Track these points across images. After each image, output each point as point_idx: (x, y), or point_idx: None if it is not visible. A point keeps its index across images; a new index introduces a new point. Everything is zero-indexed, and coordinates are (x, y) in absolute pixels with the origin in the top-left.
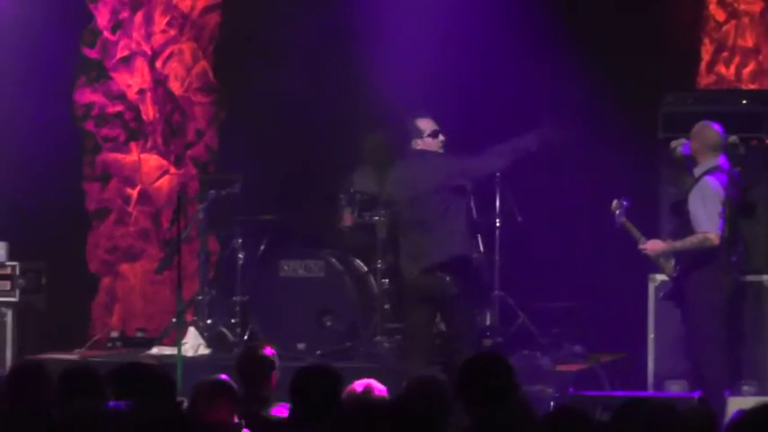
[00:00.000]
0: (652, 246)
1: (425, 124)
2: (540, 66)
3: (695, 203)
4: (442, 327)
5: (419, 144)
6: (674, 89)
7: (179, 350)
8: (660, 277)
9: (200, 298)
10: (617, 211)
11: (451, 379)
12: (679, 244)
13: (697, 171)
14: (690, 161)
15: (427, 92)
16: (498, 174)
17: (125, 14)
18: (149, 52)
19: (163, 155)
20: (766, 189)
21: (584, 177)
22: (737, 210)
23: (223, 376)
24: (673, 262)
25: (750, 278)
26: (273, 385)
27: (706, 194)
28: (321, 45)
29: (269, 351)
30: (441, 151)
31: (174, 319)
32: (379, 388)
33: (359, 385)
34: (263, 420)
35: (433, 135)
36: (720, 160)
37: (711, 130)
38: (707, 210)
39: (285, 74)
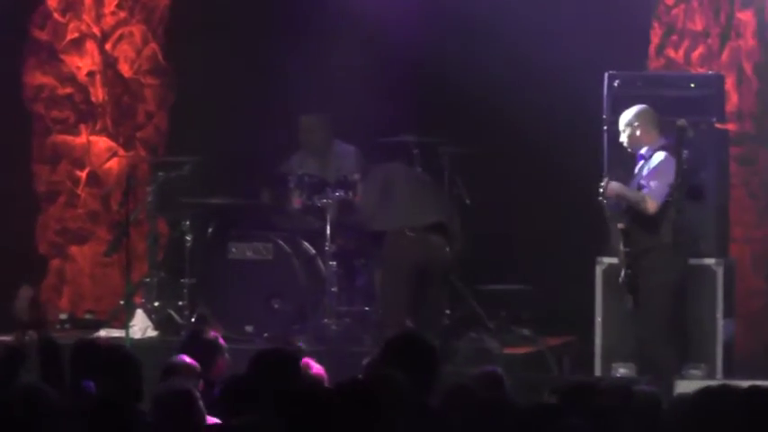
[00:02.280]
0: (611, 187)
1: None
2: (476, 48)
3: (651, 171)
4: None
5: None
6: (622, 72)
7: (127, 332)
8: (608, 260)
9: (148, 280)
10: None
11: None
12: (629, 193)
13: (647, 152)
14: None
15: (384, 79)
16: (447, 157)
17: None
18: (99, 34)
19: (112, 137)
20: (714, 172)
21: (531, 161)
22: (685, 193)
23: (183, 357)
24: (624, 248)
25: (699, 261)
26: (223, 369)
27: (661, 166)
28: (272, 27)
29: (213, 334)
30: None
31: (122, 302)
32: (316, 367)
33: None
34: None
35: None
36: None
37: (651, 109)
38: (658, 179)
39: (235, 56)
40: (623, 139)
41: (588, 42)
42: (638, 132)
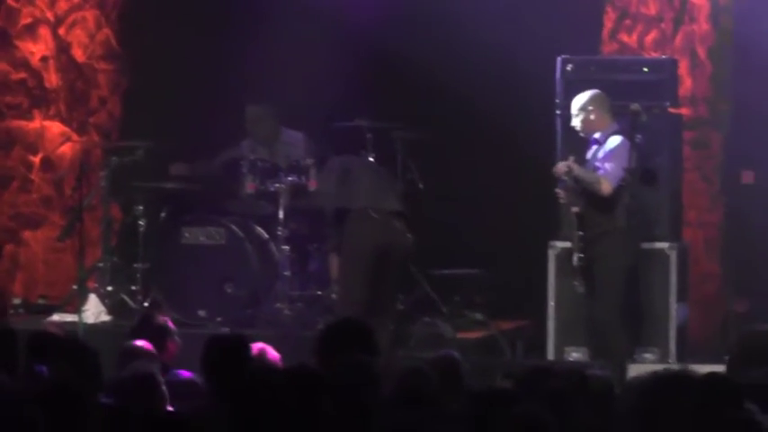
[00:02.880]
0: (566, 165)
1: None
2: (429, 33)
3: (607, 154)
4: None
5: None
6: (575, 57)
7: (80, 317)
8: (560, 244)
9: (101, 265)
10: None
11: None
12: (584, 173)
13: (601, 136)
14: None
15: (338, 64)
16: (400, 142)
17: None
18: (53, 19)
19: (66, 122)
20: (668, 157)
21: (484, 145)
22: (638, 177)
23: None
24: (578, 232)
25: (652, 245)
26: (173, 353)
27: (617, 149)
28: (225, 12)
29: (163, 318)
30: None
31: (75, 287)
32: (272, 353)
33: (253, 349)
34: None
35: None
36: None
37: (604, 94)
38: (614, 162)
39: (188, 41)
40: (576, 123)
41: (541, 27)
42: (591, 117)
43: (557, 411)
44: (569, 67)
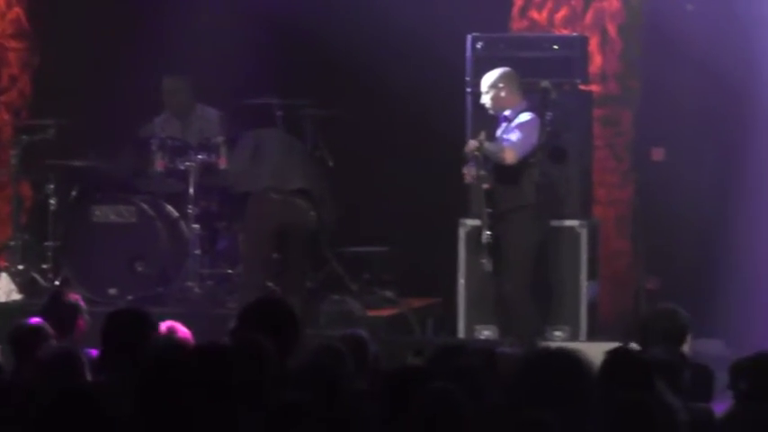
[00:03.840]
0: (473, 141)
1: None
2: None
3: (515, 126)
4: None
5: None
6: (485, 34)
7: None
8: (470, 222)
9: (12, 243)
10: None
11: None
12: (488, 145)
13: (511, 114)
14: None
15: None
16: (310, 119)
17: None
18: None
19: None
20: (578, 134)
21: (394, 123)
22: (548, 154)
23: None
24: (487, 209)
25: (562, 223)
26: (82, 330)
27: (526, 123)
28: None
29: (73, 296)
30: None
31: None
32: (182, 330)
33: (163, 326)
34: None
35: None
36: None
37: (514, 72)
38: (521, 133)
39: (100, 19)
40: (486, 100)
41: (451, 4)
42: (501, 94)
43: (467, 389)
44: (479, 45)
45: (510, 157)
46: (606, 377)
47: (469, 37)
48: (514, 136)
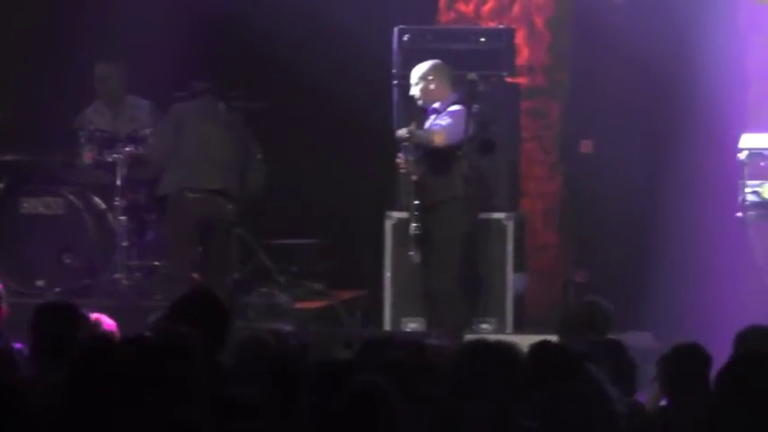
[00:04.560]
0: (404, 129)
1: None
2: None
3: (445, 114)
4: None
5: None
6: (412, 26)
7: None
8: (397, 215)
9: None
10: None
11: None
12: (421, 132)
13: (441, 106)
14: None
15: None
16: (239, 111)
17: None
18: None
19: None
20: (505, 126)
21: (322, 115)
22: (476, 147)
23: None
24: (415, 201)
25: (489, 215)
26: (3, 317)
27: (457, 113)
28: None
29: None
30: None
31: None
32: (108, 322)
33: (90, 318)
34: None
35: None
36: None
37: (445, 64)
38: (451, 120)
39: (29, 8)
40: (415, 92)
41: None
42: (431, 86)
43: (395, 381)
44: (406, 37)
45: (439, 139)
46: (535, 369)
47: (396, 29)
48: (444, 121)
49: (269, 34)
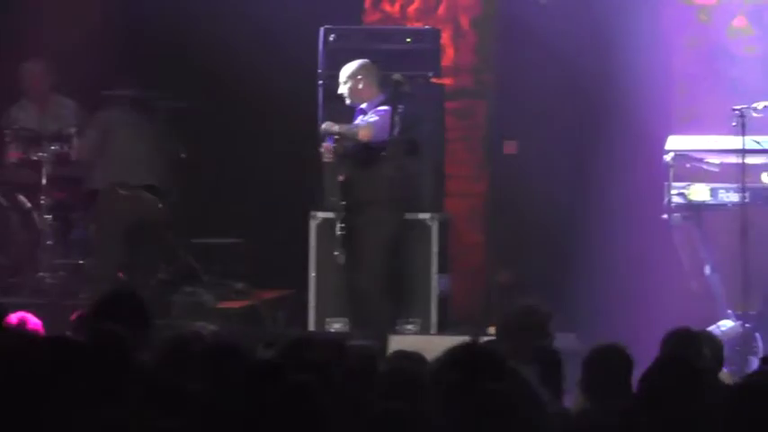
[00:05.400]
0: (325, 125)
1: None
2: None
3: (373, 112)
4: None
5: None
6: (338, 26)
7: None
8: (322, 215)
9: None
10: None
11: None
12: (345, 127)
13: (368, 106)
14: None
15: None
16: (163, 111)
17: None
18: None
19: None
20: (431, 127)
21: (247, 114)
22: (401, 148)
23: None
24: (341, 201)
25: (414, 216)
26: None
27: (382, 111)
28: None
29: None
30: None
31: None
32: (33, 321)
33: (13, 318)
34: None
35: None
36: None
37: (374, 64)
38: (378, 117)
39: None
40: (343, 91)
41: None
42: (360, 86)
43: (318, 382)
44: (332, 37)
45: (365, 134)
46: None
47: (322, 29)
48: (371, 118)
49: (194, 33)
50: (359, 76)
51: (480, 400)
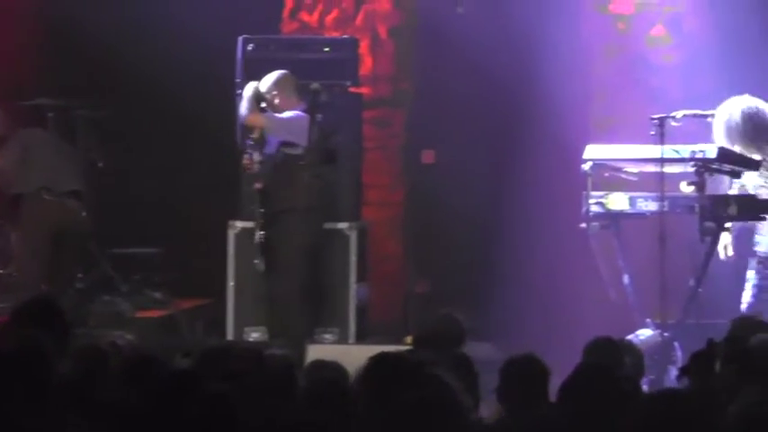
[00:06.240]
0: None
1: None
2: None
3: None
4: None
5: None
6: (256, 36)
7: None
8: (240, 224)
9: None
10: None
11: None
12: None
13: (287, 114)
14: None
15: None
16: (81, 120)
17: None
18: None
19: None
20: (349, 136)
21: (166, 124)
22: (319, 156)
23: None
24: (260, 209)
25: (333, 225)
26: None
27: (297, 116)
28: None
29: None
30: None
31: None
32: None
33: None
34: None
35: None
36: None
37: (290, 75)
38: (287, 117)
39: None
40: (263, 105)
41: (222, 6)
42: (276, 101)
43: (236, 391)
44: (250, 47)
45: (261, 121)
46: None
47: (241, 39)
48: (284, 115)
49: (114, 43)
50: (274, 92)
51: (401, 408)
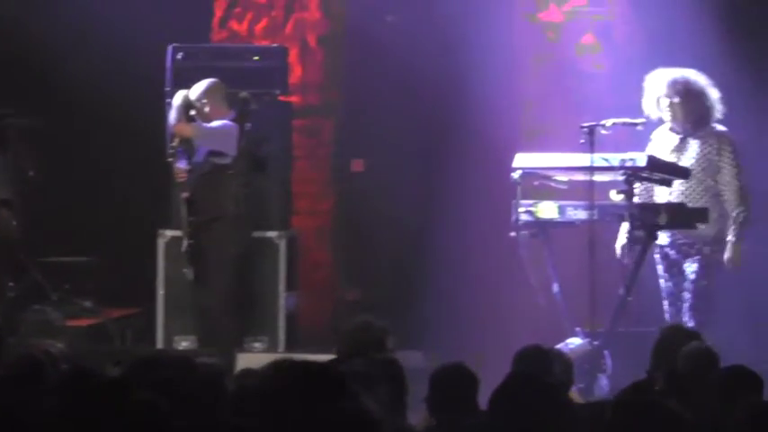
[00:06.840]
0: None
1: None
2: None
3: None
4: None
5: None
6: (185, 45)
7: None
8: (170, 233)
9: None
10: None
11: None
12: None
13: (215, 124)
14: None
15: None
16: (13, 129)
17: None
18: None
19: None
20: (278, 144)
21: (97, 132)
22: (248, 165)
23: None
24: (188, 218)
25: (262, 234)
26: None
27: (227, 125)
28: None
29: None
30: None
31: None
32: None
33: None
34: None
35: None
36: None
37: (220, 84)
38: (216, 127)
39: None
40: (192, 113)
41: (151, 14)
42: (206, 109)
43: (165, 399)
44: (180, 55)
45: (189, 131)
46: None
47: (170, 47)
48: (213, 124)
49: (42, 50)
50: (204, 100)
51: (317, 422)
